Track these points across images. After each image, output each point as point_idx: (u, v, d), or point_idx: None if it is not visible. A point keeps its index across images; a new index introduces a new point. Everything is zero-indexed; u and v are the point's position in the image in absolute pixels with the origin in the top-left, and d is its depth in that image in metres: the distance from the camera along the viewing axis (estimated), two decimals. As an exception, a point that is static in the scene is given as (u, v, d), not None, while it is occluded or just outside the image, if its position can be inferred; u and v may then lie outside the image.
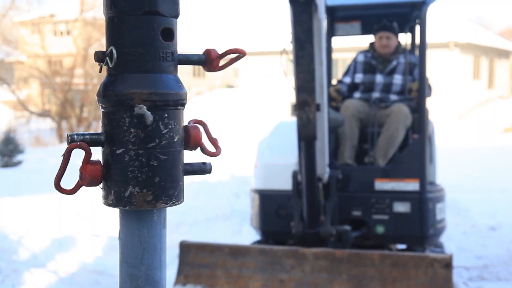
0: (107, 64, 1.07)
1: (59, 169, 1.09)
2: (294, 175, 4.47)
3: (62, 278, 5.56)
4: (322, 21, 3.76)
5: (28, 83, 29.97)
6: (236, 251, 4.13)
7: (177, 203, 1.12)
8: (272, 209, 4.80)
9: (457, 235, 6.76)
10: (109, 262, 6.02)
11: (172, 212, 7.35)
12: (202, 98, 35.40)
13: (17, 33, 35.68)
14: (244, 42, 31.19)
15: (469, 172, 12.17)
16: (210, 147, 1.21)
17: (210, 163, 1.19)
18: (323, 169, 4.28)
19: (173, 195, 1.11)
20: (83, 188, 1.14)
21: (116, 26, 1.06)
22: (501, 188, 9.71)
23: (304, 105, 3.56)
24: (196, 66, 39.56)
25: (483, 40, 27.76)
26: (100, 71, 1.12)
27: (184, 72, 36.58)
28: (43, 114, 29.64)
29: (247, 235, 6.87)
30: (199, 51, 1.24)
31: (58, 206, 8.39)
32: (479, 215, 7.54)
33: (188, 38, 39.33)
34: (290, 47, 3.82)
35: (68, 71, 29.13)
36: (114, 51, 1.05)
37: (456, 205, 7.59)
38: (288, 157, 4.75)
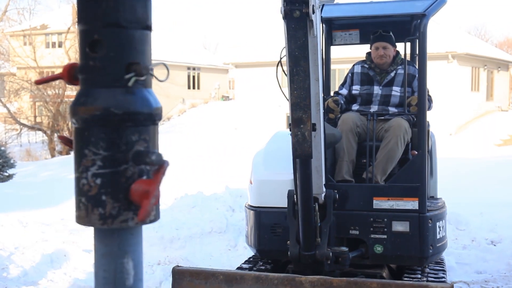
0: (147, 78, 1.07)
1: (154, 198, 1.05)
2: (290, 195, 4.32)
3: (53, 295, 5.43)
4: (318, 37, 3.65)
5: (19, 96, 29.79)
6: (231, 278, 3.99)
7: None
8: (267, 227, 4.67)
9: (457, 249, 6.67)
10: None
11: (166, 227, 7.22)
12: (197, 110, 35.36)
13: (8, 45, 35.52)
14: (239, 53, 31.22)
15: (468, 184, 12.11)
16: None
17: None
18: (320, 189, 4.14)
19: None
20: (73, 202, 1.07)
21: (145, 42, 1.08)
22: (501, 201, 9.63)
23: (300, 123, 3.42)
24: (191, 78, 39.61)
25: (481, 51, 27.89)
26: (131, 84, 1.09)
27: (179, 84, 36.51)
28: (35, 127, 29.46)
29: (242, 249, 6.75)
30: (198, 61, 1.21)
31: (48, 221, 8.24)
32: (479, 229, 7.45)
33: (186, 51, 39.32)
34: (284, 59, 3.71)
35: (60, 83, 28.99)
36: (167, 66, 1.10)
37: (456, 219, 7.50)
38: (283, 173, 4.61)
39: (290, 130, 3.51)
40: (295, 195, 4.18)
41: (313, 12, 3.22)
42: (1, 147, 16.67)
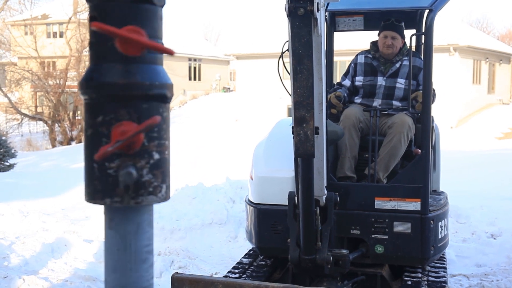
0: None
1: None
2: (291, 197, 4.25)
3: (54, 284, 5.45)
4: (323, 36, 3.60)
5: (20, 85, 29.79)
6: (230, 287, 3.98)
7: (89, 201, 1.06)
8: (268, 225, 4.62)
9: (457, 243, 6.67)
10: (101, 268, 5.87)
11: (166, 218, 7.24)
12: (198, 102, 35.35)
13: (9, 34, 35.46)
14: (241, 44, 31.14)
15: (468, 177, 12.11)
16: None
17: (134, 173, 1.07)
18: (321, 191, 4.08)
19: (87, 191, 1.07)
20: (75, 192, 1.08)
21: None
22: (501, 194, 9.63)
23: (302, 122, 3.34)
24: (192, 70, 39.49)
25: (483, 44, 27.78)
26: None
27: (180, 75, 36.48)
28: (35, 117, 29.46)
29: (242, 241, 6.76)
30: (199, 52, 1.19)
31: (49, 211, 8.26)
32: (479, 222, 7.45)
33: (187, 42, 39.22)
34: (286, 51, 3.65)
35: (61, 73, 28.98)
36: None
37: (456, 212, 7.50)
38: (284, 170, 4.55)
39: (292, 130, 3.46)
40: (296, 197, 4.14)
41: (318, 10, 3.18)
42: (2, 137, 16.67)
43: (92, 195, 1.04)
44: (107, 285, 1.08)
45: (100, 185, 1.03)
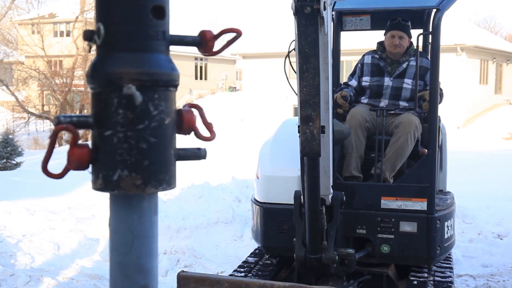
0: (95, 42, 1.05)
1: (45, 153, 1.06)
2: (297, 195, 4.25)
3: (60, 282, 5.48)
4: (329, 35, 3.59)
5: (27, 84, 29.91)
6: (236, 286, 3.98)
7: (167, 188, 1.08)
8: (273, 224, 4.62)
9: (464, 243, 6.66)
10: (107, 266, 5.90)
11: (172, 217, 7.25)
12: (204, 101, 35.37)
13: (16, 33, 35.61)
14: (247, 44, 31.13)
15: (475, 178, 12.08)
16: (205, 133, 1.20)
17: (204, 149, 1.14)
18: (327, 190, 4.07)
19: (164, 179, 1.07)
20: (82, 190, 1.08)
21: (105, 2, 1.04)
22: (508, 195, 9.61)
23: (308, 121, 3.33)
24: (198, 69, 39.57)
25: (490, 44, 27.68)
26: (89, 51, 1.12)
27: (187, 75, 36.53)
28: (42, 115, 29.56)
29: (248, 240, 6.76)
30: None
31: (55, 209, 8.29)
32: (486, 223, 7.43)
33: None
34: (293, 50, 3.65)
35: (68, 72, 29.07)
36: (102, 28, 1.03)
37: (463, 212, 7.48)
38: (290, 169, 4.55)
39: (299, 128, 3.46)
40: (302, 196, 4.13)
41: (324, 9, 3.17)
42: (9, 135, 16.75)
43: (170, 182, 1.08)
44: (153, 270, 1.10)
45: (174, 170, 1.10)
